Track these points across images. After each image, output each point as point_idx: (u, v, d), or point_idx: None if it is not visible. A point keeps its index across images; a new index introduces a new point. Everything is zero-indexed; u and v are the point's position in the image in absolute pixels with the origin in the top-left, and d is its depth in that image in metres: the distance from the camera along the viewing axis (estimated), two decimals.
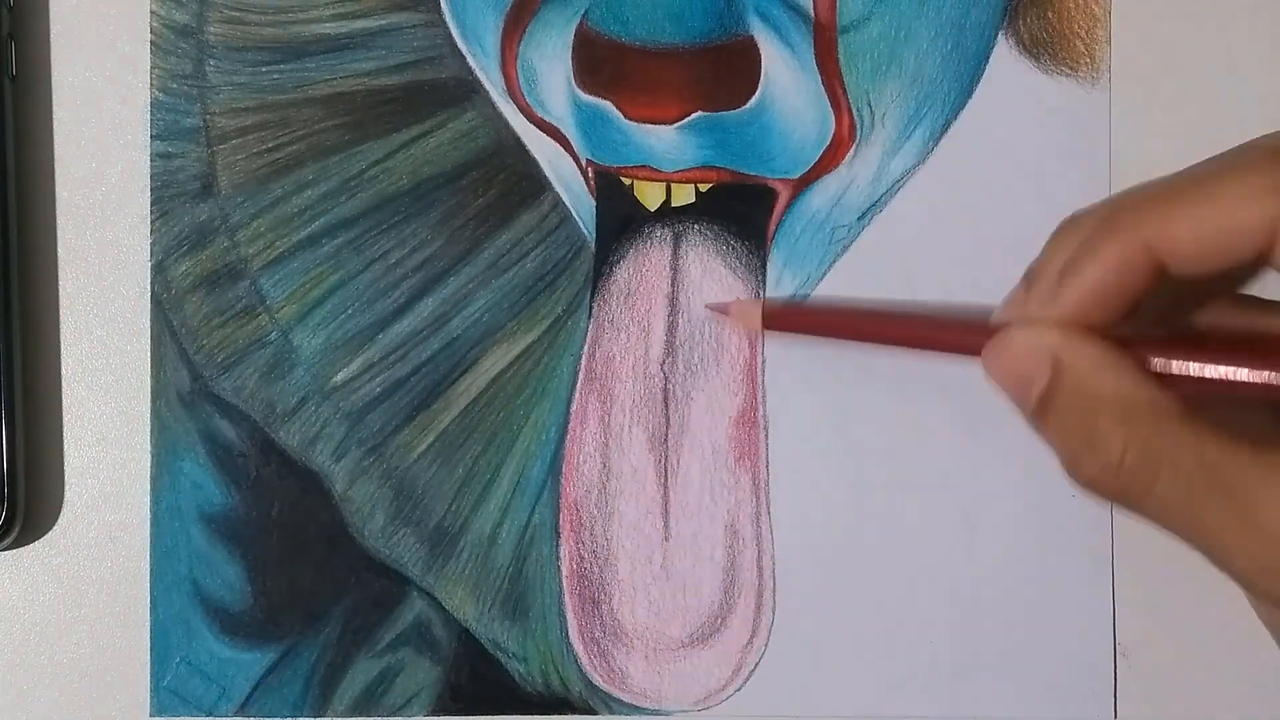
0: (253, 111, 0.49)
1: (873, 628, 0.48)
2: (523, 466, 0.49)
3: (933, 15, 0.49)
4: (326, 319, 0.48)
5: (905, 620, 0.48)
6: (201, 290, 0.48)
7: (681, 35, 0.48)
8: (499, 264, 0.49)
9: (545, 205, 0.49)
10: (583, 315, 0.49)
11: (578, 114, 0.49)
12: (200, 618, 0.48)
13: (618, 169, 0.49)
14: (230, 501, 0.48)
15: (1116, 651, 0.48)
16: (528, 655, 0.48)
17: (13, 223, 0.48)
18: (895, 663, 0.48)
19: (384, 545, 0.48)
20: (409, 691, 0.48)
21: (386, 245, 0.49)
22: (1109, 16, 0.49)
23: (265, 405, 0.48)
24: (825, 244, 0.49)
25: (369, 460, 0.48)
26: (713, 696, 0.48)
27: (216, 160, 0.49)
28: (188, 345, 0.48)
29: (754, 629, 0.48)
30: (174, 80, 0.49)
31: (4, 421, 0.47)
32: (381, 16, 0.49)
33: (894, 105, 0.49)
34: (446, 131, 0.49)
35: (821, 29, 0.48)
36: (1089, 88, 0.49)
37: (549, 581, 0.48)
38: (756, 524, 0.48)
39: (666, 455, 0.48)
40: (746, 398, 0.48)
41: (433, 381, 0.49)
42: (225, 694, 0.48)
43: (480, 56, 0.49)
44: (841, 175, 0.49)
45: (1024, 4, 0.49)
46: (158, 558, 0.48)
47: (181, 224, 0.48)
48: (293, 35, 0.49)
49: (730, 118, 0.48)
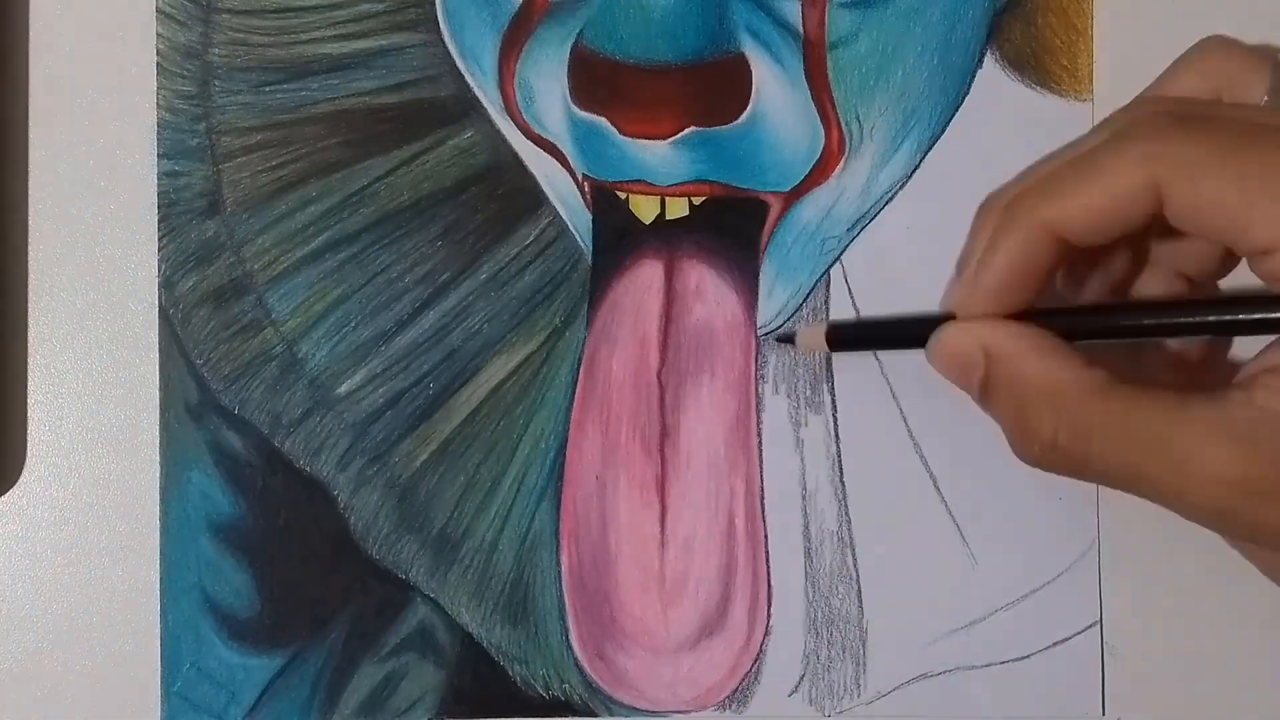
0: (257, 130, 0.49)
1: (866, 628, 0.49)
2: (523, 474, 0.49)
3: (919, 32, 0.49)
4: (330, 332, 0.49)
5: (898, 621, 0.49)
6: (208, 305, 0.49)
7: (674, 53, 0.48)
8: (498, 277, 0.49)
9: (543, 219, 0.49)
10: (580, 326, 0.49)
11: (574, 130, 0.49)
12: (209, 624, 0.48)
13: (613, 184, 0.49)
14: (238, 511, 0.48)
15: (1104, 649, 0.49)
16: (529, 659, 0.49)
17: (23, 241, 0.48)
18: (889, 664, 0.49)
19: (388, 552, 0.49)
20: (413, 696, 0.49)
21: (388, 260, 0.49)
22: (1091, 32, 0.49)
23: (271, 416, 0.49)
24: (816, 255, 0.49)
25: (373, 469, 0.49)
26: (711, 697, 0.49)
27: (222, 178, 0.49)
28: (195, 359, 0.49)
29: (750, 631, 0.49)
30: (180, 100, 0.49)
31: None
32: (382, 37, 0.49)
33: (882, 119, 0.49)
34: (446, 148, 0.49)
35: (811, 46, 0.49)
36: (1072, 102, 0.49)
37: (550, 586, 0.49)
38: (752, 528, 0.49)
39: (664, 462, 0.49)
40: (741, 404, 0.49)
41: (434, 392, 0.49)
42: (234, 699, 0.48)
43: (479, 75, 0.49)
44: (831, 188, 0.49)
45: (1008, 20, 0.49)
46: (167, 566, 0.48)
47: (188, 240, 0.49)
48: (295, 56, 0.49)
49: (723, 133, 0.49)
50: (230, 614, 0.48)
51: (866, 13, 0.49)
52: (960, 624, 0.49)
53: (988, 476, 0.49)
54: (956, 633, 0.49)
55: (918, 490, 0.49)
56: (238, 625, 0.48)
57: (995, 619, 0.49)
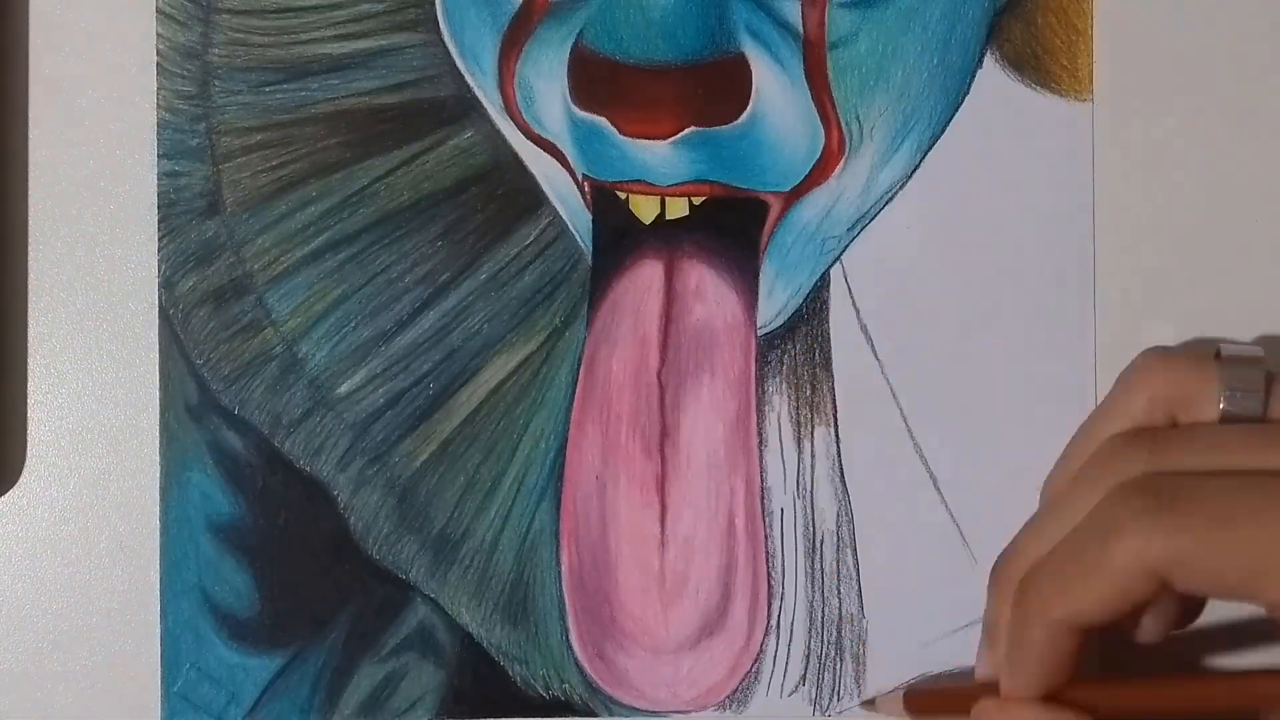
0: (257, 130, 0.49)
1: (866, 628, 0.49)
2: (523, 474, 0.49)
3: (919, 31, 0.49)
4: (330, 332, 0.49)
5: (898, 621, 0.49)
6: (208, 305, 0.49)
7: (674, 53, 0.48)
8: (498, 277, 0.49)
9: (543, 219, 0.49)
10: (580, 326, 0.49)
11: (574, 130, 0.49)
12: (209, 625, 0.48)
13: (613, 184, 0.49)
14: (238, 511, 0.49)
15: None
16: (529, 659, 0.49)
17: (23, 241, 0.48)
18: (889, 664, 0.49)
19: (388, 552, 0.49)
20: (413, 696, 0.49)
21: (388, 260, 0.49)
22: (1091, 32, 0.49)
23: (271, 416, 0.49)
24: (816, 255, 0.49)
25: (373, 470, 0.49)
26: (711, 697, 0.49)
27: (221, 178, 0.49)
28: (195, 359, 0.49)
29: (750, 631, 0.49)
30: (180, 100, 0.49)
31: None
32: (382, 37, 0.49)
33: (882, 119, 0.49)
34: (446, 148, 0.49)
35: (811, 46, 0.49)
36: (1072, 102, 0.49)
37: (550, 586, 0.49)
38: (752, 528, 0.49)
39: (664, 461, 0.49)
40: (741, 404, 0.49)
41: (434, 392, 0.49)
42: (234, 699, 0.48)
43: (479, 75, 0.49)
44: (831, 188, 0.49)
45: (1008, 20, 0.49)
46: (167, 566, 0.48)
47: (188, 241, 0.49)
48: (295, 56, 0.49)
49: (723, 133, 0.49)
50: (230, 614, 0.48)
51: (866, 13, 0.49)
52: (960, 624, 0.49)
53: (988, 476, 0.49)
54: (956, 633, 0.49)
55: (918, 490, 0.49)
56: (238, 625, 0.48)
57: None
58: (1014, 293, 0.49)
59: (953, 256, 0.49)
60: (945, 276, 0.49)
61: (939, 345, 0.49)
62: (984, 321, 0.49)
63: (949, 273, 0.49)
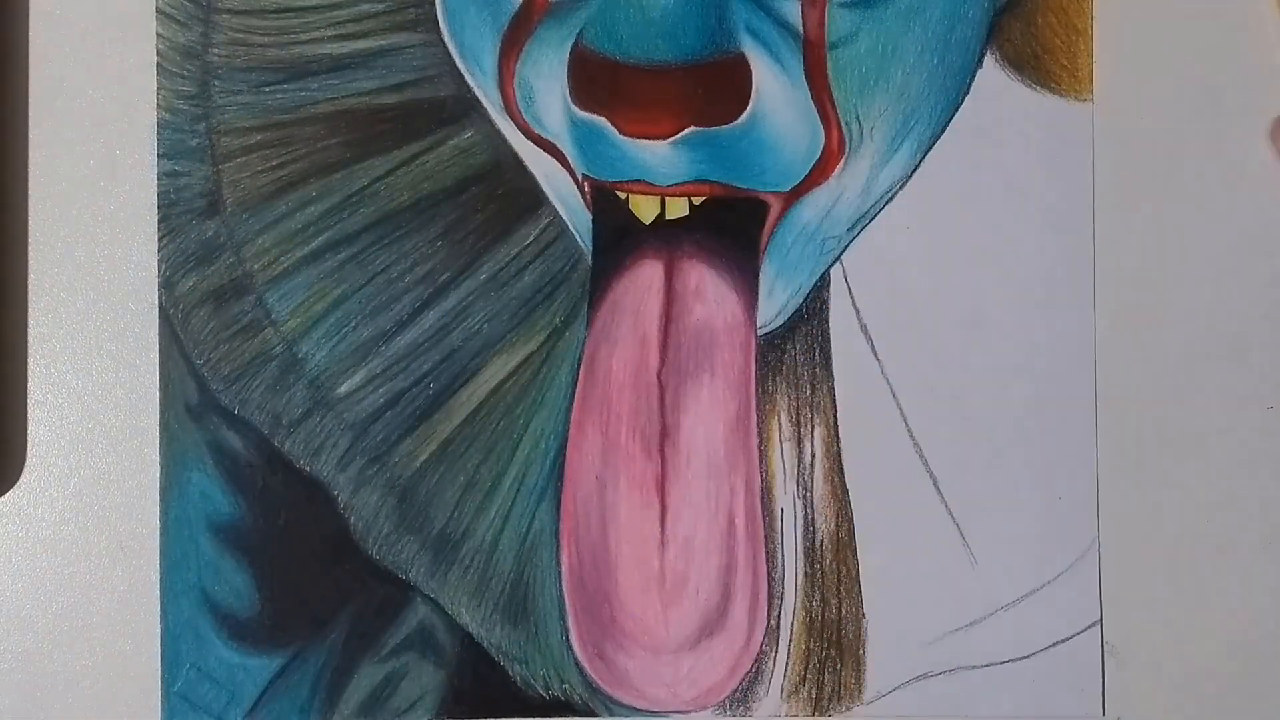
0: (257, 130, 0.49)
1: (866, 628, 0.49)
2: (523, 474, 0.49)
3: (919, 31, 0.49)
4: (330, 332, 0.49)
5: (898, 621, 0.49)
6: (208, 305, 0.49)
7: (674, 53, 0.48)
8: (498, 277, 0.49)
9: (543, 219, 0.49)
10: (580, 326, 0.49)
11: (574, 130, 0.49)
12: (209, 625, 0.48)
13: (613, 184, 0.49)
14: (238, 511, 0.49)
15: (1104, 649, 0.49)
16: (529, 659, 0.49)
17: (23, 241, 0.48)
18: (889, 664, 0.49)
19: (388, 553, 0.49)
20: (413, 696, 0.49)
21: (388, 260, 0.49)
22: (1091, 32, 0.49)
23: (271, 416, 0.49)
24: (816, 255, 0.49)
25: (373, 469, 0.49)
26: (711, 697, 0.49)
27: (221, 178, 0.49)
28: (195, 359, 0.49)
29: (750, 631, 0.49)
30: (180, 100, 0.49)
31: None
32: (382, 37, 0.49)
33: (882, 119, 0.49)
34: (446, 148, 0.49)
35: (811, 46, 0.49)
36: (1072, 102, 0.49)
37: (550, 586, 0.49)
38: (752, 528, 0.49)
39: (664, 462, 0.49)
40: (741, 404, 0.49)
41: (434, 392, 0.49)
42: (234, 699, 0.48)
43: (479, 75, 0.49)
44: (831, 188, 0.49)
45: (1008, 20, 0.49)
46: (167, 566, 0.48)
47: (188, 240, 0.49)
48: (295, 56, 0.49)
49: (723, 133, 0.49)
50: (230, 614, 0.48)
51: (866, 13, 0.49)
52: (960, 624, 0.49)
53: (988, 476, 0.49)
54: (956, 633, 0.49)
55: (918, 490, 0.49)
56: (238, 625, 0.48)
57: (995, 619, 0.49)
58: (1014, 292, 0.49)
59: (953, 256, 0.49)
60: (945, 276, 0.49)
61: (939, 345, 0.49)
62: (984, 321, 0.49)
63: (949, 273, 0.49)
